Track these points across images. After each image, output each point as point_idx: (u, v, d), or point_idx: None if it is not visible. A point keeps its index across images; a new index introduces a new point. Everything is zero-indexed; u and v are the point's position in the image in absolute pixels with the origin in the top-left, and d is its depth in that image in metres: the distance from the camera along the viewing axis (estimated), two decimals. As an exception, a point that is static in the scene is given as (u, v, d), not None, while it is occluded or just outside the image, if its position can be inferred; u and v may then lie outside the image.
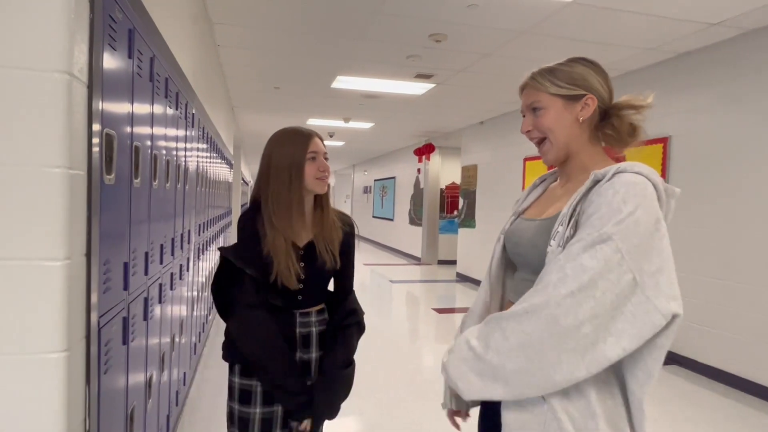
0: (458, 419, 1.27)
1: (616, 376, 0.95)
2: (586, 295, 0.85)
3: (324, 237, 1.43)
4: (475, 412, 1.24)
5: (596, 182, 0.95)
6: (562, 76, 1.06)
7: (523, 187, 6.33)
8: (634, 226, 0.87)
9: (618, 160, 1.04)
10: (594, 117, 1.06)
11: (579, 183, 1.02)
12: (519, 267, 1.13)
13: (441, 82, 5.35)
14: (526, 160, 6.34)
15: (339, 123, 8.22)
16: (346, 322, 1.47)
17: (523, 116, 1.12)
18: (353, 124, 8.33)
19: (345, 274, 1.52)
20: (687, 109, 4.01)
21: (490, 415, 1.07)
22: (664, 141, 4.18)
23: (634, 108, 1.05)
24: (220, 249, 1.39)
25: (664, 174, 4.17)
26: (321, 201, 1.46)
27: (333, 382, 1.42)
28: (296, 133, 1.41)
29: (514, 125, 6.70)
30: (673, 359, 4.06)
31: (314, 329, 1.45)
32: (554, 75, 1.07)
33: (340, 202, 21.01)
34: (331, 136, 9.91)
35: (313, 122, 8.21)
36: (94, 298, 1.18)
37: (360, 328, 1.50)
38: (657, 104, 1.08)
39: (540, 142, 1.09)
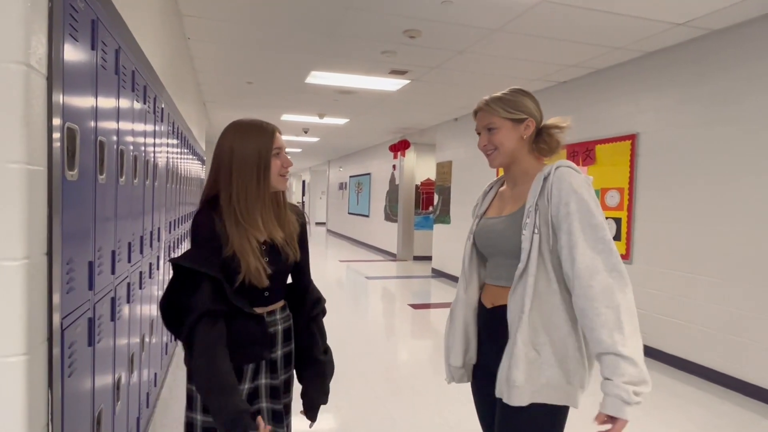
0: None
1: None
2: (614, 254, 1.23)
3: (284, 232, 1.38)
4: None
5: (544, 179, 1.29)
6: (510, 104, 1.37)
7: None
8: (585, 195, 1.25)
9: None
10: (532, 134, 1.39)
11: (526, 184, 1.37)
12: (490, 256, 1.43)
13: (416, 79, 5.36)
14: (499, 156, 6.40)
15: (314, 119, 8.15)
16: (315, 312, 1.50)
17: (479, 134, 1.43)
18: (328, 120, 8.27)
19: (305, 264, 1.50)
20: (654, 107, 4.11)
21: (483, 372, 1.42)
22: (632, 138, 4.28)
23: (559, 128, 1.39)
24: (171, 260, 1.28)
25: (632, 170, 4.28)
26: (278, 197, 1.41)
27: (323, 369, 1.48)
28: (260, 127, 1.34)
29: (488, 122, 6.76)
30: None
31: (279, 327, 1.42)
32: (504, 103, 1.37)
33: (315, 199, 20.87)
34: (305, 132, 9.82)
35: (288, 118, 8.12)
36: (56, 298, 1.14)
37: (324, 314, 1.56)
38: (625, 102, 1.21)
39: (490, 153, 1.40)
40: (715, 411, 3.12)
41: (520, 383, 1.22)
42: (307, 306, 1.49)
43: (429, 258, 9.23)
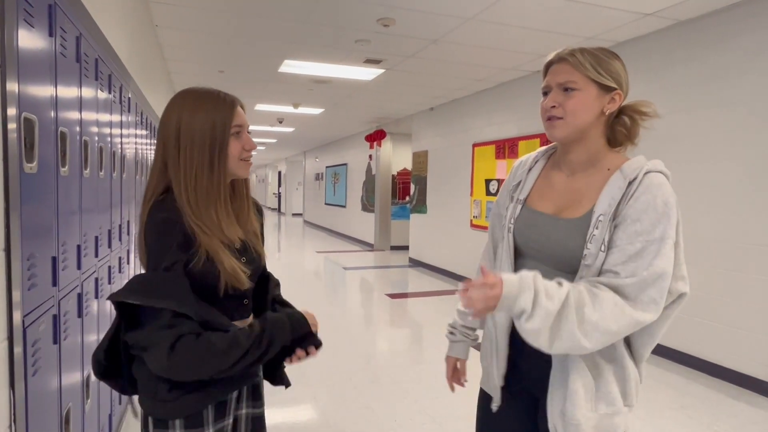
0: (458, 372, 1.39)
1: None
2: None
3: (246, 230, 1.14)
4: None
5: (629, 183, 1.02)
6: (603, 64, 1.07)
7: (473, 172, 6.46)
8: (674, 222, 1.00)
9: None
10: (614, 112, 1.10)
11: (590, 177, 1.10)
12: (531, 259, 1.15)
13: (390, 68, 5.33)
14: (474, 146, 6.45)
15: (288, 109, 8.04)
16: (277, 291, 1.32)
17: (545, 94, 1.12)
18: (303, 110, 8.18)
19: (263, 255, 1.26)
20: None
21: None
22: (603, 127, 4.35)
23: (648, 116, 1.12)
24: (114, 298, 0.96)
25: (603, 158, 4.36)
26: (240, 186, 1.15)
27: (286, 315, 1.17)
28: (216, 97, 1.06)
29: (463, 111, 6.79)
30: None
31: None
32: (596, 60, 1.07)
33: (291, 190, 20.68)
34: (280, 122, 9.69)
35: (262, 107, 8.00)
36: (16, 296, 1.10)
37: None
38: None
39: (556, 119, 1.09)
40: (682, 391, 3.24)
41: (579, 420, 1.02)
42: (270, 289, 1.29)
43: (406, 248, 9.26)
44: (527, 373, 1.16)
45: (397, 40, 4.37)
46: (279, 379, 1.24)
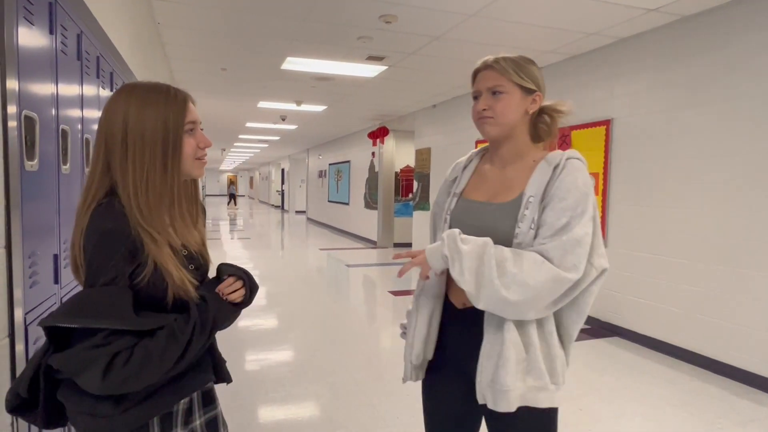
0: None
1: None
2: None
3: (199, 233, 1.07)
4: None
5: (554, 168, 1.16)
6: (524, 70, 1.20)
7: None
8: (592, 200, 1.13)
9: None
10: (536, 112, 1.24)
11: (518, 168, 1.23)
12: None
13: (393, 65, 5.32)
14: (478, 142, 6.43)
15: (291, 106, 8.04)
16: None
17: (475, 98, 1.24)
18: (305, 107, 8.17)
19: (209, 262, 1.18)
20: (628, 93, 4.17)
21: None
22: (606, 123, 4.34)
23: (561, 113, 1.26)
24: (43, 323, 0.87)
25: (606, 154, 4.34)
26: (189, 187, 1.06)
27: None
28: (166, 92, 0.98)
29: (466, 109, 6.77)
30: (613, 331, 4.29)
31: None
32: (517, 66, 1.20)
33: (295, 187, 20.70)
34: (283, 120, 9.69)
35: (265, 105, 7.99)
36: (18, 293, 1.10)
37: None
38: (600, 88, 1.19)
39: (487, 119, 1.21)
40: (684, 388, 3.23)
41: (509, 386, 1.11)
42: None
43: (409, 245, 9.26)
44: (455, 352, 1.28)
45: (399, 37, 4.35)
46: (220, 376, 1.14)
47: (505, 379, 1.11)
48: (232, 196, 27.65)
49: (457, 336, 1.27)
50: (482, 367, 1.15)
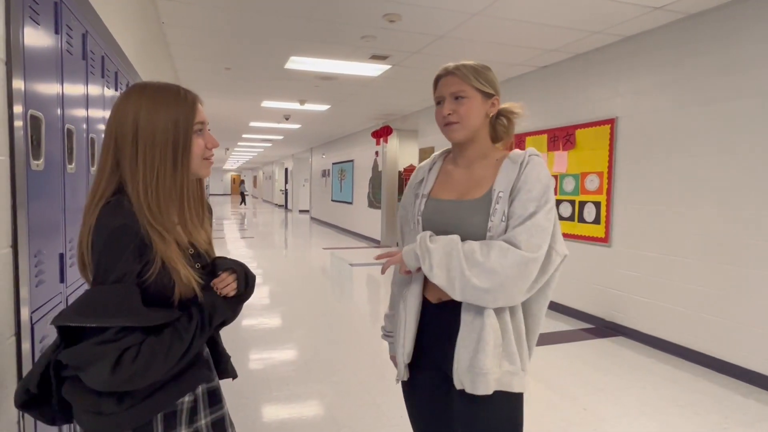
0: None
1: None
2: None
3: (206, 232, 1.09)
4: None
5: (520, 165, 1.25)
6: (483, 76, 1.28)
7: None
8: (552, 193, 1.23)
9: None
10: (494, 114, 1.34)
11: (484, 167, 1.31)
12: None
13: (396, 64, 5.31)
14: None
15: (295, 105, 8.04)
16: None
17: (438, 103, 1.32)
18: (309, 107, 8.18)
19: None
20: (633, 91, 4.15)
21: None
22: (611, 122, 4.32)
23: (517, 114, 1.36)
24: (56, 322, 0.89)
25: (611, 153, 4.33)
26: (196, 187, 1.08)
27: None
28: (176, 93, 1.00)
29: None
30: (618, 330, 4.28)
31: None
32: (477, 72, 1.28)
33: (298, 186, 20.73)
34: (287, 119, 9.70)
35: (268, 104, 8.00)
36: (24, 292, 1.11)
37: None
38: (605, 86, 1.22)
39: (453, 124, 1.29)
40: (689, 387, 3.21)
41: (488, 369, 1.17)
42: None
43: (413, 244, 9.24)
44: (431, 348, 1.33)
45: (403, 36, 4.35)
46: (224, 372, 1.18)
47: (484, 362, 1.17)
48: (243, 196, 27.77)
49: (433, 333, 1.33)
50: (459, 356, 1.21)
